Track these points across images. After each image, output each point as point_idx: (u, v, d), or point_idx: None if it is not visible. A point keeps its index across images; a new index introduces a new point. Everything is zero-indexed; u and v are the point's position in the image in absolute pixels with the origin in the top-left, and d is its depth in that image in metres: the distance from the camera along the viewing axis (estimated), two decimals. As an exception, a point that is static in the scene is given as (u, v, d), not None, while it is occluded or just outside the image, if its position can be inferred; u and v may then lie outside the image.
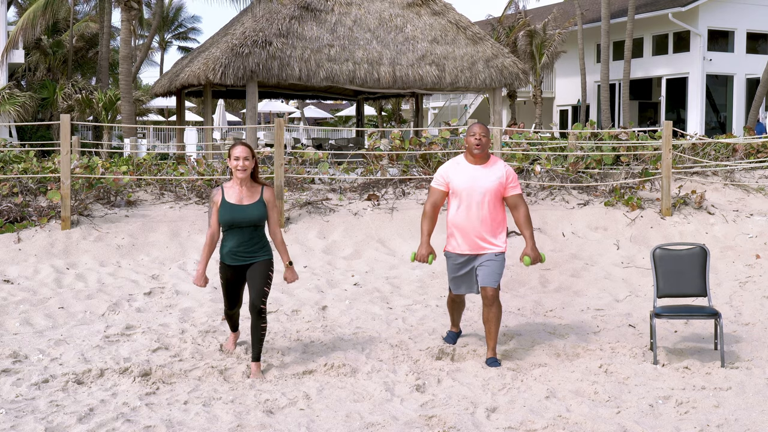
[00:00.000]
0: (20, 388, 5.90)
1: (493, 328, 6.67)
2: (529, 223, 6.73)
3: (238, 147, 6.25)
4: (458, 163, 6.81)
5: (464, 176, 6.70)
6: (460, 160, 6.84)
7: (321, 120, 52.81)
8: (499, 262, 6.70)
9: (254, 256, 6.28)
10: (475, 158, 6.72)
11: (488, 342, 6.73)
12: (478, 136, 6.65)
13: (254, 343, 6.29)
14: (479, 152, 6.67)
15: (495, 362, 6.64)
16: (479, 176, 6.69)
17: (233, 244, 6.25)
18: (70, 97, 27.38)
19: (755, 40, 32.76)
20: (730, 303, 8.76)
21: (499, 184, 6.68)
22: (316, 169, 13.68)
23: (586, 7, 35.10)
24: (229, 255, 6.28)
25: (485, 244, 6.70)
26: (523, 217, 6.73)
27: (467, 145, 6.72)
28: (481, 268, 6.69)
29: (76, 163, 12.24)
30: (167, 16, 49.49)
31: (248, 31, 19.53)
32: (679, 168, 13.66)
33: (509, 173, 6.75)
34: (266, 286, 6.26)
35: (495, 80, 20.86)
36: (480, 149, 6.66)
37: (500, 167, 6.76)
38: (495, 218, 6.70)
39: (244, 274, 6.33)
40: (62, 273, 9.54)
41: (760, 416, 5.47)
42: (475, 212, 6.66)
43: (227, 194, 6.26)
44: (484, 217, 6.66)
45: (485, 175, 6.68)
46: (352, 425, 5.31)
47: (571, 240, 11.17)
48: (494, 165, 6.76)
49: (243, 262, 6.28)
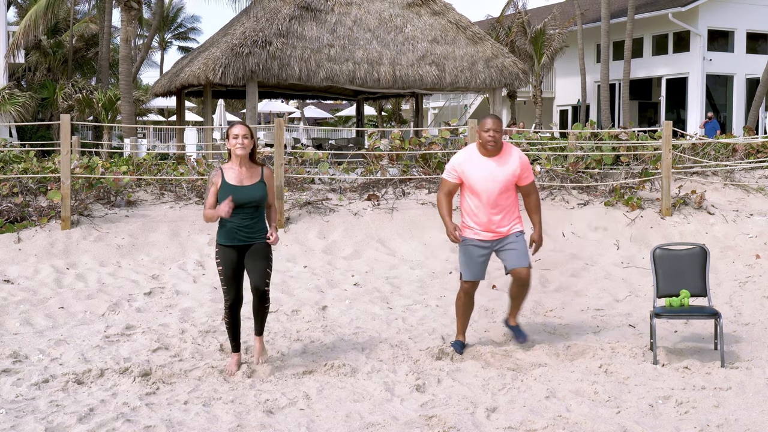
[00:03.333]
0: (20, 388, 5.90)
1: (521, 302, 7.02)
2: (539, 210, 6.88)
3: (236, 126, 6.24)
4: (471, 156, 6.74)
5: (479, 170, 6.66)
6: (472, 152, 6.76)
7: (321, 120, 52.82)
8: (523, 242, 6.79)
9: (253, 237, 6.25)
10: (489, 152, 6.70)
11: (513, 310, 7.05)
12: (492, 132, 6.60)
13: (257, 321, 6.40)
14: (493, 148, 6.66)
15: (521, 332, 6.94)
16: (494, 169, 6.66)
17: (233, 225, 6.20)
18: (70, 97, 27.38)
19: (755, 40, 32.75)
20: (730, 303, 8.76)
21: (513, 176, 6.69)
22: (316, 169, 13.68)
23: (586, 7, 35.10)
24: (228, 235, 6.23)
25: (503, 229, 6.75)
26: (534, 204, 6.84)
27: (480, 140, 6.66)
28: (509, 252, 6.75)
29: (76, 163, 12.24)
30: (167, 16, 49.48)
31: (248, 31, 19.52)
32: (679, 168, 13.66)
33: (523, 163, 6.73)
34: (268, 268, 6.28)
35: (495, 80, 20.86)
36: (494, 145, 6.64)
37: (515, 158, 6.71)
38: (510, 204, 6.75)
39: (244, 254, 6.28)
40: (62, 273, 9.54)
41: (760, 416, 5.47)
42: (491, 203, 6.66)
43: (227, 175, 6.20)
44: (499, 206, 6.69)
45: (500, 168, 6.66)
46: (352, 425, 5.32)
47: (571, 240, 11.17)
48: (509, 156, 6.71)
49: (242, 242, 6.24)
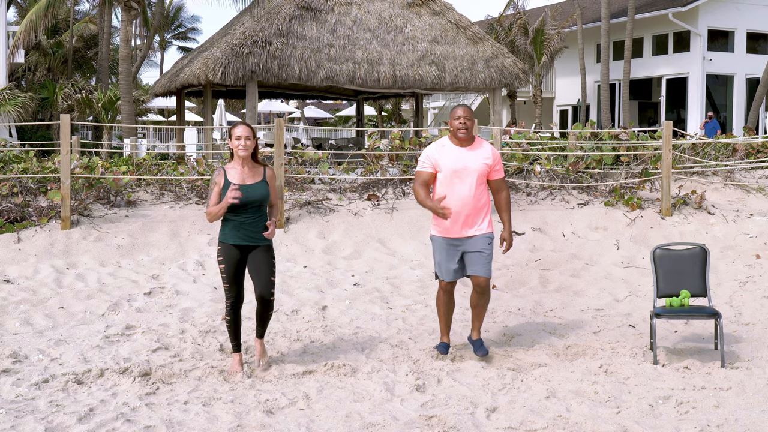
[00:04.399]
0: (20, 388, 5.90)
1: (482, 312, 6.84)
2: (509, 208, 6.78)
3: (239, 127, 6.24)
4: (443, 146, 6.72)
5: (451, 158, 6.62)
6: (445, 142, 6.75)
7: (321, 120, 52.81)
8: (490, 250, 6.68)
9: (256, 239, 6.26)
10: (461, 141, 6.66)
11: (475, 323, 6.86)
12: (463, 119, 6.58)
13: (260, 324, 6.46)
14: (464, 135, 6.61)
15: (482, 346, 6.73)
16: (466, 158, 6.61)
17: (236, 224, 6.21)
18: (70, 97, 27.39)
19: (755, 40, 32.75)
20: (730, 303, 8.75)
21: (485, 166, 6.63)
22: (316, 169, 13.68)
23: (586, 6, 35.10)
24: (231, 235, 6.24)
25: (473, 227, 6.63)
26: (504, 201, 6.75)
27: (451, 128, 6.64)
28: (474, 256, 6.63)
29: (76, 163, 12.24)
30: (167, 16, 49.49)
31: (248, 31, 19.53)
32: (679, 168, 13.65)
33: (495, 156, 6.69)
34: (272, 276, 6.31)
35: (495, 80, 20.86)
36: (465, 132, 6.60)
37: (486, 149, 6.69)
38: (480, 200, 6.64)
39: (246, 255, 6.29)
40: (62, 273, 9.54)
41: (760, 416, 5.47)
42: (462, 194, 6.57)
43: (230, 175, 6.22)
44: (470, 199, 6.58)
45: (472, 157, 6.62)
46: (352, 425, 5.31)
47: (571, 240, 11.17)
48: (480, 147, 6.70)
49: (245, 242, 6.24)
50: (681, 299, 6.84)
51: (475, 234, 6.65)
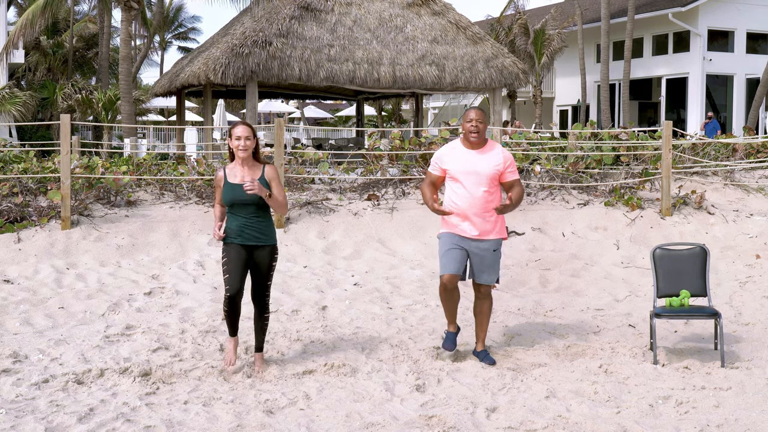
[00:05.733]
0: (20, 388, 5.90)
1: (486, 321, 6.81)
2: (519, 200, 6.64)
3: (239, 127, 6.23)
4: (454, 148, 6.70)
5: (460, 161, 6.59)
6: (456, 145, 6.72)
7: (321, 120, 52.82)
8: (497, 256, 6.66)
9: (260, 239, 6.26)
10: (472, 144, 6.63)
11: (479, 334, 6.81)
12: (475, 123, 6.54)
13: (257, 333, 6.43)
14: (476, 139, 6.58)
15: (488, 356, 6.68)
16: (477, 162, 6.57)
17: (238, 223, 6.23)
18: (70, 97, 27.38)
19: (755, 40, 32.76)
20: (730, 303, 8.76)
21: (496, 170, 6.59)
22: (316, 169, 13.68)
23: (586, 6, 35.10)
24: (235, 234, 6.24)
25: (481, 230, 6.59)
26: (515, 193, 6.62)
27: (464, 131, 6.61)
28: (479, 261, 6.61)
29: (76, 163, 12.24)
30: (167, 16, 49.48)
31: (248, 31, 19.53)
32: (679, 168, 13.66)
33: (507, 159, 6.63)
34: (269, 280, 6.35)
35: (495, 80, 20.86)
36: (477, 136, 6.56)
37: (497, 153, 6.64)
38: (490, 204, 6.58)
39: (250, 254, 6.28)
40: (62, 273, 9.54)
41: (760, 416, 5.47)
42: (473, 198, 6.53)
43: (229, 175, 6.26)
44: (481, 202, 6.54)
45: (483, 161, 6.58)
46: (352, 425, 5.32)
47: (571, 240, 11.17)
48: (492, 150, 6.65)
49: (249, 242, 6.24)
50: (681, 299, 6.85)
51: (484, 238, 6.62)
